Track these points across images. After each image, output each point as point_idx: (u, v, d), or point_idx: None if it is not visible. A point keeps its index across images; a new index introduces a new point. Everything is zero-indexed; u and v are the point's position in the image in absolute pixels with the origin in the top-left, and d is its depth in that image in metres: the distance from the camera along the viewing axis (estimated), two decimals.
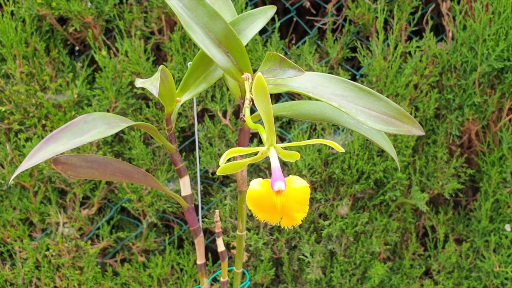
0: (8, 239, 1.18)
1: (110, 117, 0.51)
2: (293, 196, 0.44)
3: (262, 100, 0.44)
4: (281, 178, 0.43)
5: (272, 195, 0.43)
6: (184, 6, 0.49)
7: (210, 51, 0.48)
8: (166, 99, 0.54)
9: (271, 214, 0.44)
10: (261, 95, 0.44)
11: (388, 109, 0.47)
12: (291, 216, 0.44)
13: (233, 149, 0.44)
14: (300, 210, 0.44)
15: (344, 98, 0.46)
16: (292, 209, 0.44)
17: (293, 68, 0.46)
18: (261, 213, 0.44)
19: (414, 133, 0.47)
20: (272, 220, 0.45)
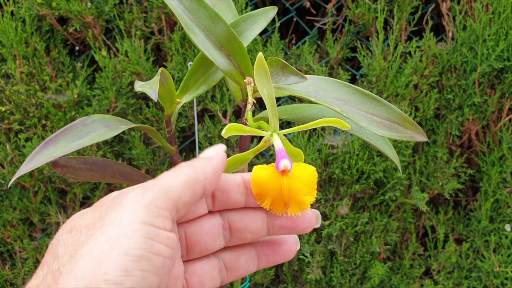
0: (8, 239, 1.18)
1: (110, 119, 0.51)
2: (300, 178, 0.40)
3: (264, 83, 0.42)
4: (286, 157, 0.40)
5: (277, 177, 0.40)
6: (185, 8, 0.48)
7: (211, 54, 0.48)
8: (166, 101, 0.54)
9: (276, 200, 0.40)
10: (263, 78, 0.42)
11: (391, 115, 0.46)
12: (298, 200, 0.40)
13: (235, 125, 0.41)
14: (308, 193, 0.40)
15: (346, 102, 0.46)
16: (299, 191, 0.40)
17: (296, 74, 0.45)
18: (265, 199, 0.40)
19: (417, 139, 0.46)
20: (278, 207, 0.40)
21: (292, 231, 0.42)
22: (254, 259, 0.43)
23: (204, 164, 0.38)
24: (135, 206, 0.32)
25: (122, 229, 0.31)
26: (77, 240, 0.32)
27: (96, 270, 0.29)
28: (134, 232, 0.31)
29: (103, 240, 0.30)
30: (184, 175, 0.36)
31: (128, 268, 0.30)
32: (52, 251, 0.32)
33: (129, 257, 0.30)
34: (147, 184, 0.34)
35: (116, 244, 0.30)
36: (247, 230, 0.41)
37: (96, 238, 0.31)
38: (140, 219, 0.31)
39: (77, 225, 0.33)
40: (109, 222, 0.31)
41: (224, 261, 0.42)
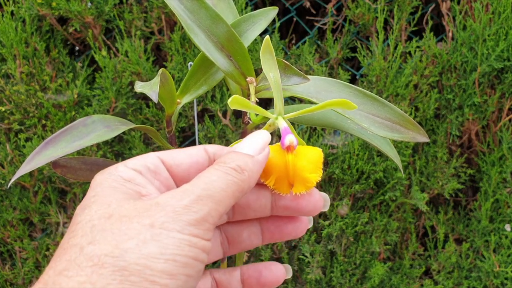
0: (8, 239, 1.18)
1: (110, 120, 0.50)
2: (305, 156, 0.40)
3: (270, 67, 0.42)
4: (292, 134, 0.40)
5: (282, 155, 0.39)
6: (186, 9, 0.48)
7: (212, 55, 0.48)
8: (166, 101, 0.54)
9: (281, 178, 0.39)
10: (269, 62, 0.42)
11: (392, 116, 0.46)
12: (303, 177, 0.39)
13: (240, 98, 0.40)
14: (313, 171, 0.40)
15: None
16: (305, 169, 0.39)
17: (298, 75, 0.45)
18: (269, 176, 0.39)
19: (419, 140, 0.46)
20: (282, 186, 0.39)
21: (296, 212, 0.41)
22: (257, 234, 0.43)
23: (253, 170, 0.37)
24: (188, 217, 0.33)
25: (172, 237, 0.32)
26: (119, 229, 0.32)
27: (144, 270, 0.31)
28: (183, 241, 0.32)
29: (153, 243, 0.32)
30: (235, 185, 0.36)
31: (174, 272, 0.31)
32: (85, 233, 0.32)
33: (176, 263, 0.32)
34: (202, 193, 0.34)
35: (165, 250, 0.32)
36: (249, 208, 0.41)
37: (145, 238, 0.32)
38: (191, 231, 0.33)
39: (117, 213, 0.33)
40: (158, 224, 0.32)
41: (227, 234, 0.42)
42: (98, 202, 0.34)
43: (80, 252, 0.32)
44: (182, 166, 0.38)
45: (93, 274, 0.30)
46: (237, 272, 0.43)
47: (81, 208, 0.35)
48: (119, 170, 0.36)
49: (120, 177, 0.36)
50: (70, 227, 0.34)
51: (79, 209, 0.35)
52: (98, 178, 0.36)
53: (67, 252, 0.32)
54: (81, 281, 0.30)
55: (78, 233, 0.33)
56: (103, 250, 0.31)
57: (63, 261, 0.32)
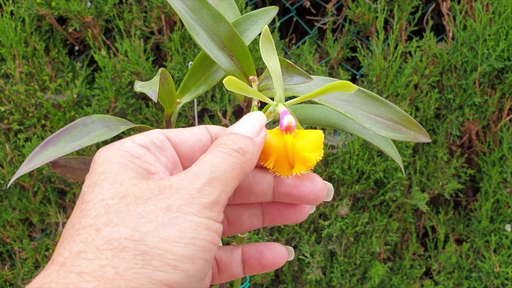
0: (8, 239, 1.17)
1: (110, 120, 0.50)
2: (305, 137, 0.39)
3: (269, 56, 0.42)
4: (290, 115, 0.39)
5: (281, 136, 0.39)
6: (188, 8, 0.48)
7: (214, 54, 0.48)
8: (166, 101, 0.54)
9: (280, 159, 0.39)
10: (269, 51, 0.42)
11: (394, 116, 0.46)
12: (303, 157, 0.38)
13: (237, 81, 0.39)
14: (313, 150, 0.39)
15: (349, 103, 0.45)
16: (304, 148, 0.39)
17: (301, 74, 0.45)
18: (269, 158, 0.39)
19: (420, 140, 0.45)
20: (282, 168, 0.39)
21: (298, 200, 0.40)
22: (258, 216, 0.42)
23: (253, 152, 0.37)
24: (202, 200, 0.33)
25: (189, 220, 0.32)
26: (136, 212, 0.32)
27: (165, 254, 0.31)
28: (201, 224, 0.32)
29: (172, 226, 0.32)
30: (238, 167, 0.36)
31: (194, 256, 0.31)
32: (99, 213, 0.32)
33: (196, 247, 0.32)
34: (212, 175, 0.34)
35: (185, 234, 0.32)
36: (251, 192, 0.40)
37: (164, 221, 0.32)
38: (207, 214, 0.33)
39: (131, 193, 0.33)
40: (175, 207, 0.32)
41: (227, 214, 0.42)
42: (109, 180, 0.34)
43: (97, 234, 0.31)
44: (187, 144, 0.38)
45: (114, 258, 0.30)
46: (238, 251, 0.42)
47: (89, 185, 0.34)
48: (126, 146, 0.36)
49: (128, 152, 0.35)
50: (79, 205, 0.33)
51: (88, 187, 0.34)
52: (103, 153, 0.36)
53: (80, 233, 0.31)
54: (102, 264, 0.30)
55: (91, 212, 0.32)
56: (122, 234, 0.31)
57: (78, 242, 0.31)
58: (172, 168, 0.38)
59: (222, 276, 0.42)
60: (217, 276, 0.42)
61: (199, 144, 0.38)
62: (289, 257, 0.42)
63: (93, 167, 0.35)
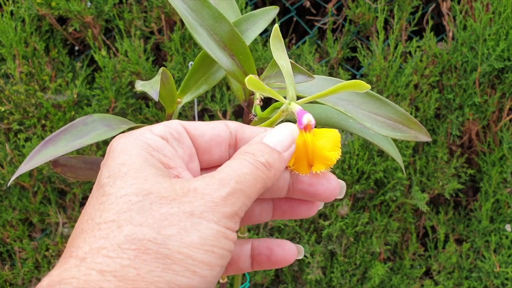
0: (8, 239, 1.17)
1: (110, 119, 0.50)
2: (323, 135, 0.40)
3: (280, 55, 0.42)
4: (309, 113, 0.39)
5: (300, 135, 0.39)
6: (189, 8, 0.48)
7: (215, 54, 0.48)
8: (167, 100, 0.54)
9: (300, 158, 0.39)
10: (279, 50, 0.42)
11: (394, 115, 0.46)
12: (323, 156, 0.39)
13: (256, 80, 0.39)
14: (332, 149, 0.39)
15: (350, 102, 0.46)
16: (324, 147, 0.39)
17: (303, 73, 0.45)
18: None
19: (421, 139, 0.45)
20: (301, 166, 0.39)
21: (313, 197, 0.41)
22: (269, 210, 0.42)
23: (278, 168, 0.37)
24: (224, 209, 0.33)
25: (210, 228, 0.32)
26: (159, 213, 0.32)
27: (186, 260, 0.31)
28: (219, 233, 0.33)
29: (194, 232, 0.32)
30: (262, 182, 0.36)
31: (212, 263, 0.32)
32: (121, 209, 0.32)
33: (215, 255, 0.32)
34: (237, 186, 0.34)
35: (205, 240, 0.32)
36: (267, 190, 0.40)
37: (186, 226, 0.32)
38: (225, 224, 0.33)
39: (155, 191, 0.33)
40: (198, 213, 0.33)
41: None
42: (132, 174, 0.33)
43: (120, 232, 0.31)
44: (204, 137, 0.38)
45: (136, 259, 0.30)
46: (248, 246, 0.42)
47: (110, 176, 0.34)
48: (146, 137, 0.35)
49: (148, 144, 0.35)
50: (98, 196, 0.33)
51: (108, 178, 0.33)
52: (122, 141, 0.35)
53: (101, 228, 0.31)
54: (124, 264, 0.30)
55: (112, 207, 0.32)
56: (145, 235, 0.31)
57: (99, 238, 0.31)
58: (188, 160, 0.38)
59: (229, 269, 0.42)
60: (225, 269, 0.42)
61: (217, 139, 0.38)
62: (298, 255, 0.42)
63: (111, 155, 0.35)
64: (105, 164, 0.35)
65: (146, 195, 0.32)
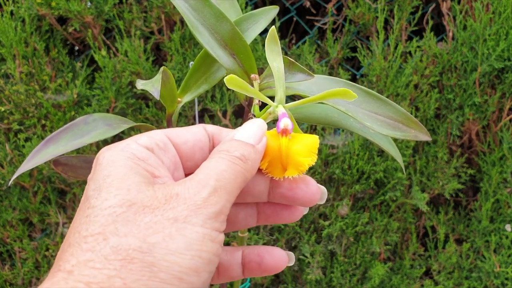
0: (8, 239, 1.17)
1: (111, 118, 0.50)
2: (300, 141, 0.40)
3: (274, 57, 0.42)
4: (287, 118, 0.40)
5: (277, 138, 0.40)
6: (190, 7, 0.48)
7: (216, 53, 0.48)
8: (167, 100, 0.54)
9: (274, 161, 0.39)
10: (274, 52, 0.42)
11: (395, 114, 0.46)
12: (296, 161, 0.39)
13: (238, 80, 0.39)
14: (306, 155, 0.39)
15: (350, 102, 0.46)
16: (298, 152, 0.39)
17: (303, 72, 0.45)
18: (264, 159, 0.39)
19: (421, 138, 0.46)
20: (275, 169, 0.39)
21: (293, 202, 0.41)
22: (253, 215, 0.43)
23: (255, 159, 0.38)
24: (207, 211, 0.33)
25: (195, 231, 0.32)
26: (143, 222, 0.32)
27: (172, 267, 0.31)
28: (206, 236, 0.33)
29: (180, 238, 0.32)
30: (241, 175, 0.36)
31: (199, 269, 0.32)
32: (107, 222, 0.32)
33: (202, 260, 0.32)
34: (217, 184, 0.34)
35: (191, 246, 0.32)
36: (248, 193, 0.41)
37: (171, 232, 0.32)
38: (211, 225, 0.33)
39: (138, 201, 0.33)
40: (182, 218, 0.33)
41: None
42: (115, 185, 0.34)
43: (106, 244, 0.31)
44: (187, 144, 0.39)
45: (122, 269, 0.30)
46: (239, 254, 0.42)
47: (95, 189, 0.34)
48: (132, 148, 0.36)
49: (134, 155, 0.35)
50: (84, 209, 0.33)
51: (93, 190, 0.34)
52: (107, 154, 0.36)
53: (88, 241, 0.31)
54: (111, 275, 0.30)
55: (98, 219, 0.32)
56: (131, 244, 0.31)
57: (86, 250, 0.31)
58: (173, 169, 0.38)
59: (221, 278, 0.42)
60: (216, 277, 0.42)
61: (199, 144, 0.39)
62: (289, 262, 0.42)
63: (97, 169, 0.35)
64: (91, 178, 0.35)
65: (129, 206, 0.33)
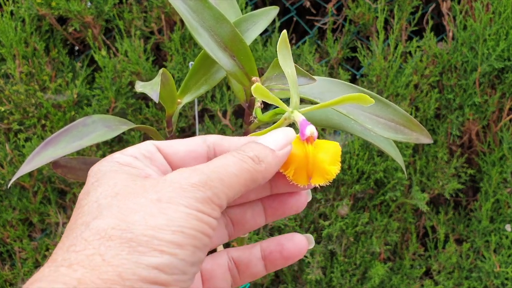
0: (8, 239, 1.17)
1: (110, 120, 0.50)
2: (324, 148, 0.40)
3: (287, 63, 0.42)
4: (312, 125, 0.39)
5: (301, 146, 0.39)
6: (189, 8, 0.48)
7: (215, 55, 0.48)
8: (167, 101, 0.54)
9: (300, 169, 0.39)
10: (286, 58, 0.42)
11: (396, 116, 0.46)
12: (323, 169, 0.39)
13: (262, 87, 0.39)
14: (332, 163, 0.39)
15: (351, 104, 0.46)
16: (324, 161, 0.39)
17: (304, 75, 0.45)
18: (289, 167, 0.39)
19: (422, 141, 0.45)
20: (300, 177, 0.39)
21: (296, 187, 0.40)
22: (261, 213, 0.42)
23: (271, 164, 0.37)
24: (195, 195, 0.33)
25: (180, 211, 0.32)
26: (125, 204, 0.32)
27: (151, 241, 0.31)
28: (190, 215, 0.32)
29: (161, 216, 0.32)
30: (248, 173, 0.36)
31: (182, 243, 0.32)
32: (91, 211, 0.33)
33: (184, 235, 0.32)
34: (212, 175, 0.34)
35: (173, 222, 0.32)
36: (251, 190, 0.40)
37: (152, 211, 0.32)
38: (198, 207, 0.33)
39: (123, 191, 0.33)
40: (165, 199, 0.32)
41: (230, 216, 0.42)
42: (103, 185, 0.34)
43: (86, 228, 0.32)
44: (178, 154, 0.38)
45: (100, 247, 0.31)
46: (257, 249, 0.42)
47: (84, 193, 0.35)
48: (115, 157, 0.36)
49: (118, 162, 0.36)
50: (75, 210, 0.34)
51: (83, 194, 0.35)
52: (95, 167, 0.36)
53: (74, 231, 0.32)
54: (89, 254, 0.30)
55: (85, 213, 0.33)
56: (109, 224, 0.31)
57: (70, 238, 0.32)
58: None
59: (243, 277, 0.42)
60: (238, 278, 0.42)
61: (193, 154, 0.38)
62: (309, 245, 0.42)
63: (87, 180, 0.36)
64: (82, 191, 0.36)
65: (114, 196, 0.33)
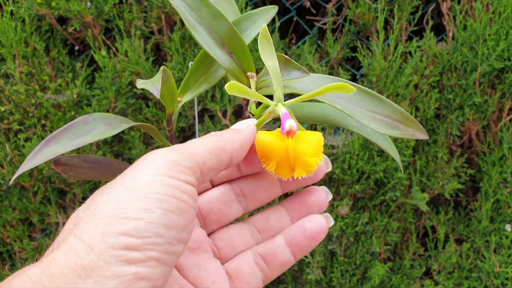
0: (8, 239, 1.17)
1: (111, 118, 0.50)
2: (306, 141, 0.40)
3: (268, 55, 0.42)
4: (291, 119, 0.40)
5: (282, 140, 0.40)
6: (188, 6, 0.48)
7: (213, 52, 0.48)
8: (167, 99, 0.54)
9: (282, 163, 0.39)
10: (267, 50, 0.42)
11: (392, 113, 0.46)
12: (304, 161, 0.40)
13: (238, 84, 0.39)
14: (314, 154, 0.40)
15: (347, 100, 0.46)
16: (305, 153, 0.40)
17: (298, 69, 0.45)
18: (270, 161, 0.39)
19: (418, 137, 0.46)
20: (283, 171, 0.40)
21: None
22: (285, 216, 0.43)
23: (232, 135, 0.39)
24: (158, 161, 0.34)
25: (143, 180, 0.33)
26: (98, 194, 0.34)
27: (115, 211, 0.31)
28: (155, 181, 0.33)
29: (123, 189, 0.32)
30: (211, 142, 0.37)
31: (148, 207, 0.32)
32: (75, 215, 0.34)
33: (149, 199, 0.32)
34: (173, 147, 0.35)
35: (135, 191, 0.32)
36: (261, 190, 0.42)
37: (117, 188, 0.33)
38: (162, 172, 0.33)
39: (100, 189, 0.35)
40: (130, 175, 0.33)
41: (255, 224, 0.43)
42: None
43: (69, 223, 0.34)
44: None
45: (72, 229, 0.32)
46: (279, 238, 0.43)
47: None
48: None
49: None
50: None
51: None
52: None
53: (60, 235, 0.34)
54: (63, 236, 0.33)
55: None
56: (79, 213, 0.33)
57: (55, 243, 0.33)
58: None
59: (272, 268, 0.42)
60: (268, 271, 0.42)
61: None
62: (329, 223, 0.44)
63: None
64: None
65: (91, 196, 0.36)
